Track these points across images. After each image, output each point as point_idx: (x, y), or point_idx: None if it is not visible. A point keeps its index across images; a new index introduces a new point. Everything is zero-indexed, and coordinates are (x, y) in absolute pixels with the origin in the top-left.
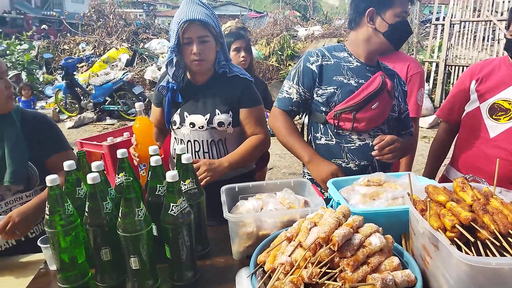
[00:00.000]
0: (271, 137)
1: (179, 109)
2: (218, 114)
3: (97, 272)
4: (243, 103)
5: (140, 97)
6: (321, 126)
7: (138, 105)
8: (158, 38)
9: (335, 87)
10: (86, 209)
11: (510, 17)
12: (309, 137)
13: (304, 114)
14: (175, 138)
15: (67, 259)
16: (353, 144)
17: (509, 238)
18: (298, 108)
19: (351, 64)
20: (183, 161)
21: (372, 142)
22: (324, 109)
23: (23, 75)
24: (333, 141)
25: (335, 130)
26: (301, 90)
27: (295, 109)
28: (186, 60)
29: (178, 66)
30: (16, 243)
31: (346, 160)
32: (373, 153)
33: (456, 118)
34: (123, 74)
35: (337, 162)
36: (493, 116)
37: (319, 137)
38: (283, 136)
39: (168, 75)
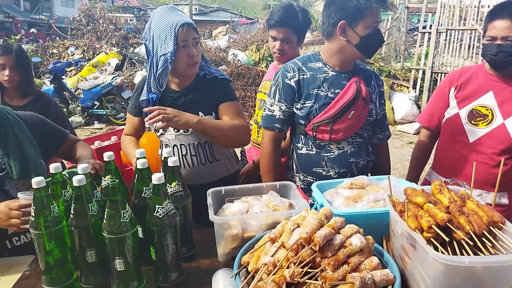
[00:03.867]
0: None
1: None
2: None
3: (82, 274)
4: (222, 99)
5: (129, 102)
6: (302, 136)
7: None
8: None
9: (313, 100)
10: (72, 211)
11: (486, 24)
12: (291, 147)
13: None
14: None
15: (52, 261)
16: (332, 153)
17: (483, 238)
18: (283, 124)
19: (327, 75)
20: (170, 163)
21: (350, 149)
22: (303, 122)
23: None
24: (313, 151)
25: (314, 141)
26: (284, 107)
27: (279, 126)
28: (179, 65)
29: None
30: None
31: (326, 169)
32: None
33: (436, 123)
34: (112, 78)
35: (318, 170)
36: (472, 122)
37: (300, 147)
38: (262, 169)
39: (157, 85)
